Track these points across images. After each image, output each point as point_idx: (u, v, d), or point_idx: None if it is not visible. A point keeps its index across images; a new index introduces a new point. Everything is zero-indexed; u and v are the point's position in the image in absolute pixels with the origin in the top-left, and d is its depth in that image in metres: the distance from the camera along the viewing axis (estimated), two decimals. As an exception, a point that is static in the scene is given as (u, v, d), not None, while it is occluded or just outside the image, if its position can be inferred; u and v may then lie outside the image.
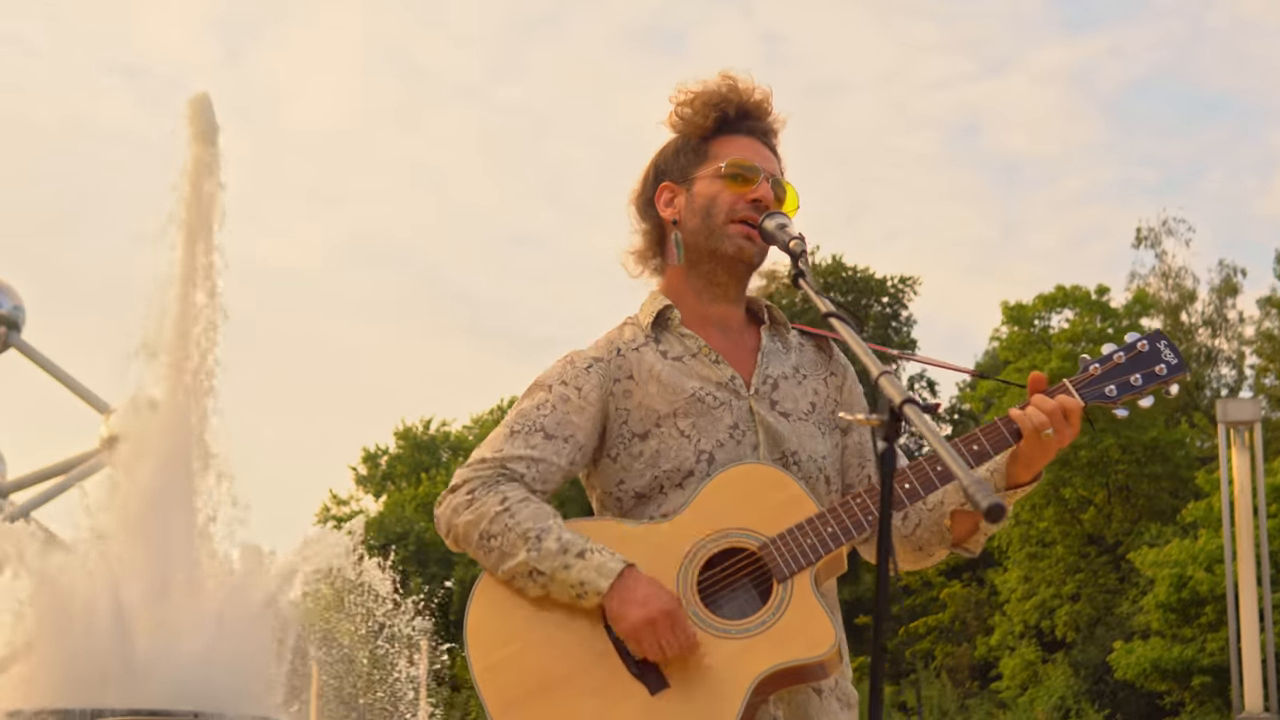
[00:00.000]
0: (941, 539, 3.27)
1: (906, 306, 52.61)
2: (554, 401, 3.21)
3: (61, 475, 55.91)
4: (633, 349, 3.28)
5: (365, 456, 59.72)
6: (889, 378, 2.57)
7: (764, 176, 3.28)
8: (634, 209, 3.43)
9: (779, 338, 3.40)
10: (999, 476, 3.19)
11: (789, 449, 3.21)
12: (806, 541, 3.01)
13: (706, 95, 3.33)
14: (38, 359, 62.22)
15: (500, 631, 3.05)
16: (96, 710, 13.50)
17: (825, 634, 2.97)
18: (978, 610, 42.63)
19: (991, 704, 39.41)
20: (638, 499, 3.20)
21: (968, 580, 43.98)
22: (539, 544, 3.02)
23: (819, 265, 52.55)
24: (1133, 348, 3.18)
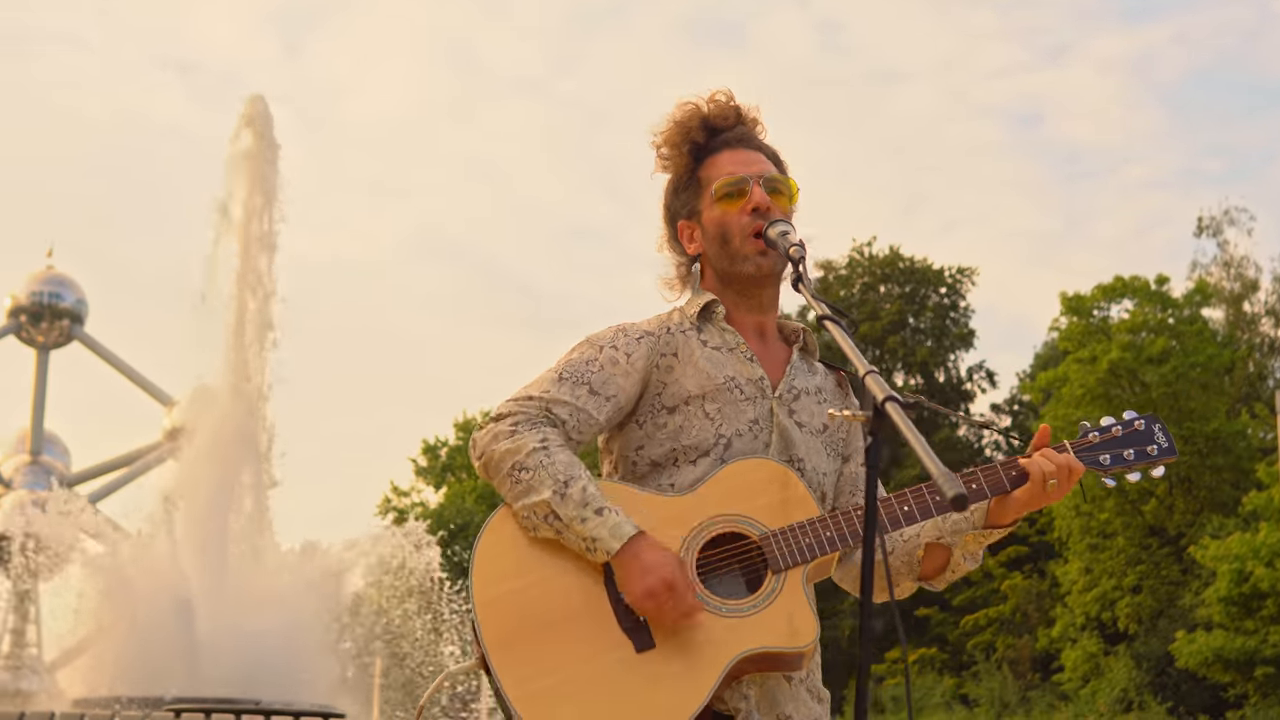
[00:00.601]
0: (910, 570, 3.42)
1: (964, 297, 52.46)
2: (603, 361, 3.35)
3: (125, 467, 56.42)
4: (681, 331, 3.41)
5: (425, 448, 59.95)
6: (874, 376, 2.80)
7: (753, 182, 3.42)
8: (667, 251, 3.60)
9: (807, 361, 3.54)
10: (979, 515, 3.32)
11: (797, 455, 3.36)
12: (804, 540, 3.19)
13: (674, 130, 3.50)
14: (101, 352, 62.69)
15: (506, 567, 3.18)
16: (160, 699, 13.63)
17: (809, 628, 3.14)
18: (1039, 602, 42.46)
19: (1053, 696, 39.28)
20: (652, 466, 3.34)
21: (1029, 572, 43.82)
22: (565, 489, 3.14)
23: (876, 255, 52.46)
24: (1130, 425, 3.37)
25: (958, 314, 52.53)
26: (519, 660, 3.10)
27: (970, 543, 3.33)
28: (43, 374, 62.60)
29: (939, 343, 52.13)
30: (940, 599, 45.23)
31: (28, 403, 62.31)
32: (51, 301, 61.55)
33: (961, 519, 3.32)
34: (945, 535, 3.35)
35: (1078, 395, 39.29)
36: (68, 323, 61.95)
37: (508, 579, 3.17)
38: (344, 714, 13.51)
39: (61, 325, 61.73)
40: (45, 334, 61.99)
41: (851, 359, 2.94)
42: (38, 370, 62.59)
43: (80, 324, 62.31)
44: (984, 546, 3.35)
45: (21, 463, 60.91)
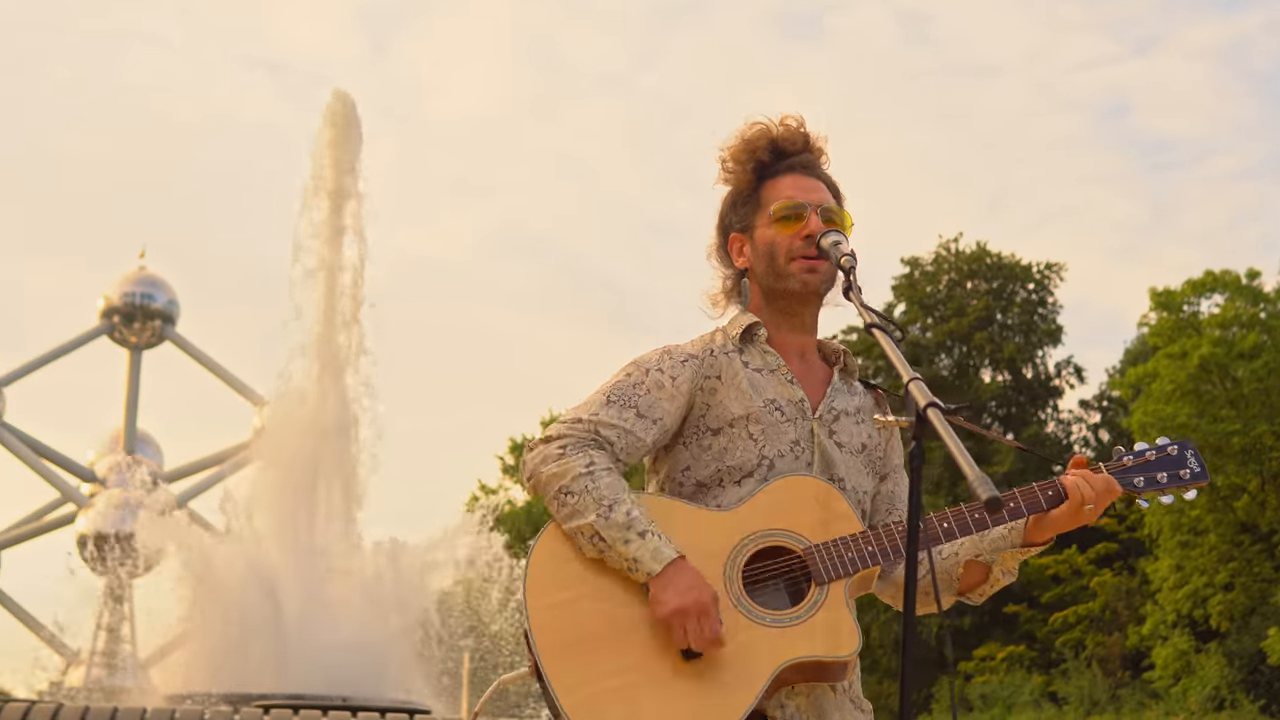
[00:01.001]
0: (949, 586, 3.53)
1: (1053, 292, 52.04)
2: (649, 385, 3.47)
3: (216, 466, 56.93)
4: (724, 353, 3.53)
5: (512, 446, 60.21)
6: (917, 383, 2.93)
7: (811, 210, 3.52)
8: (715, 261, 3.71)
9: (846, 382, 3.63)
10: (1016, 534, 3.43)
11: (837, 475, 3.46)
12: (848, 554, 3.30)
13: (741, 147, 3.60)
14: (192, 352, 63.29)
15: (558, 579, 3.31)
16: (249, 695, 13.81)
17: (851, 638, 3.24)
18: (1129, 599, 42.10)
19: (1143, 694, 38.96)
20: (698, 487, 3.46)
21: (1118, 569, 43.48)
22: (609, 513, 3.26)
23: (962, 252, 52.15)
24: (1163, 449, 3.47)
25: (1046, 309, 52.13)
26: (570, 668, 3.22)
27: (1008, 560, 3.44)
28: (135, 374, 63.31)
29: (1027, 339, 51.78)
30: (1029, 596, 44.96)
31: (121, 402, 63.04)
32: (144, 302, 62.25)
33: (1000, 537, 3.42)
34: (984, 553, 3.45)
35: (1168, 391, 38.92)
36: (159, 323, 62.63)
37: (560, 591, 3.30)
38: (429, 710, 13.64)
39: (153, 326, 62.41)
40: (138, 334, 62.68)
41: (896, 367, 3.06)
42: (130, 370, 63.31)
43: (172, 324, 62.99)
44: (1018, 562, 3.46)
45: (115, 462, 61.59)
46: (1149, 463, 3.45)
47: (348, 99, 24.79)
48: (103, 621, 37.11)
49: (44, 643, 48.16)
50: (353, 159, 24.22)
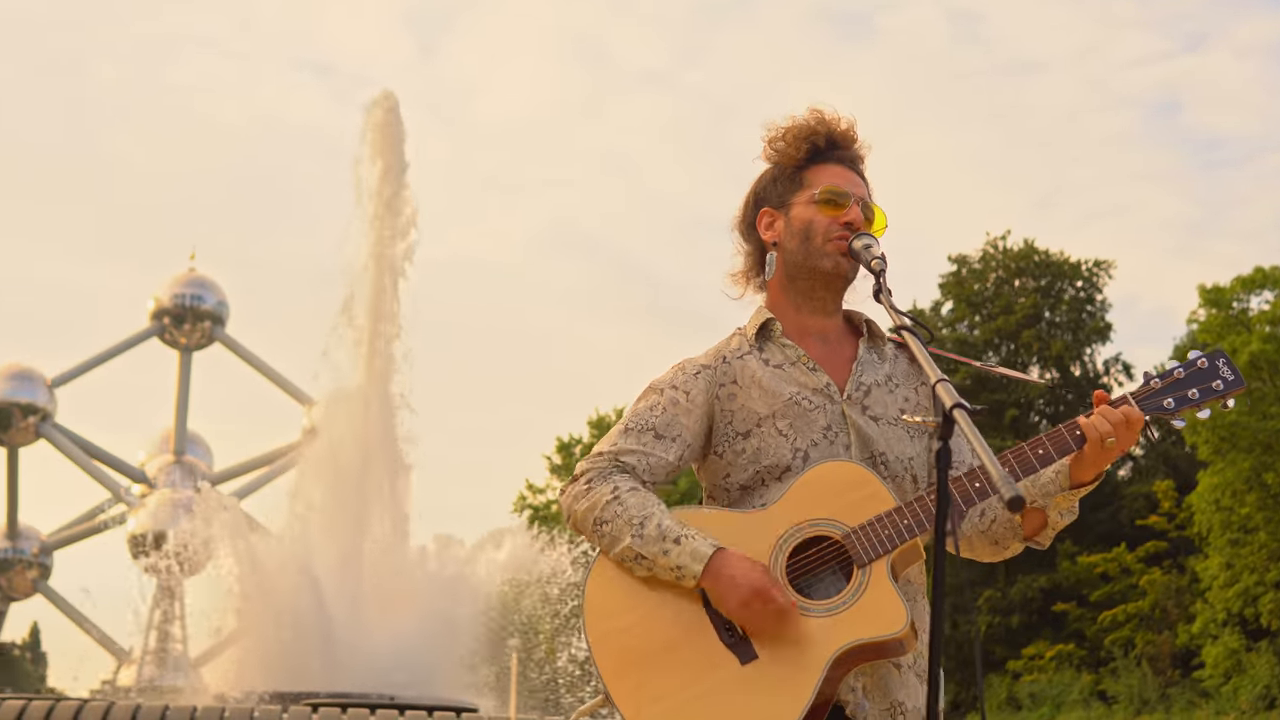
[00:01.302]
0: (1014, 533, 3.55)
1: (1101, 290, 51.79)
2: (665, 404, 3.57)
3: (266, 466, 57.17)
4: (737, 357, 3.61)
5: (559, 446, 60.28)
6: (944, 385, 3.00)
7: (854, 200, 3.59)
8: (737, 233, 3.78)
9: (875, 349, 3.67)
10: (1063, 477, 3.45)
11: (877, 450, 3.51)
12: (884, 532, 3.33)
13: (798, 129, 3.66)
14: (242, 353, 63.57)
15: (612, 605, 3.41)
16: (298, 694, 13.91)
17: (898, 615, 3.27)
18: (1178, 598, 41.88)
19: (1193, 693, 38.76)
20: (742, 490, 3.53)
21: (1168, 567, 43.25)
22: (641, 530, 3.36)
23: (1010, 250, 51.95)
24: (1193, 364, 3.44)
25: (1094, 307, 51.87)
26: (635, 689, 3.32)
27: (1061, 502, 3.46)
28: (185, 375, 63.65)
29: (1075, 336, 51.53)
30: (1078, 594, 44.78)
31: (171, 403, 63.41)
32: (194, 304, 62.61)
33: (1049, 481, 3.44)
34: (1038, 498, 3.47)
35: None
36: (209, 324, 62.96)
37: (616, 615, 3.40)
38: (477, 708, 13.71)
39: (203, 327, 62.75)
40: (188, 336, 63.04)
41: (925, 369, 3.12)
42: (180, 371, 63.66)
43: (222, 325, 63.31)
44: (1075, 502, 3.47)
45: (166, 462, 61.96)
46: (1178, 381, 3.42)
47: (392, 98, 24.91)
48: (154, 621, 37.36)
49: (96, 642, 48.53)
50: (399, 159, 24.33)
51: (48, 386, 61.87)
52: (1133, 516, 45.40)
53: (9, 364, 61.86)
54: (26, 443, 61.82)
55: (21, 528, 64.06)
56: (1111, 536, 45.66)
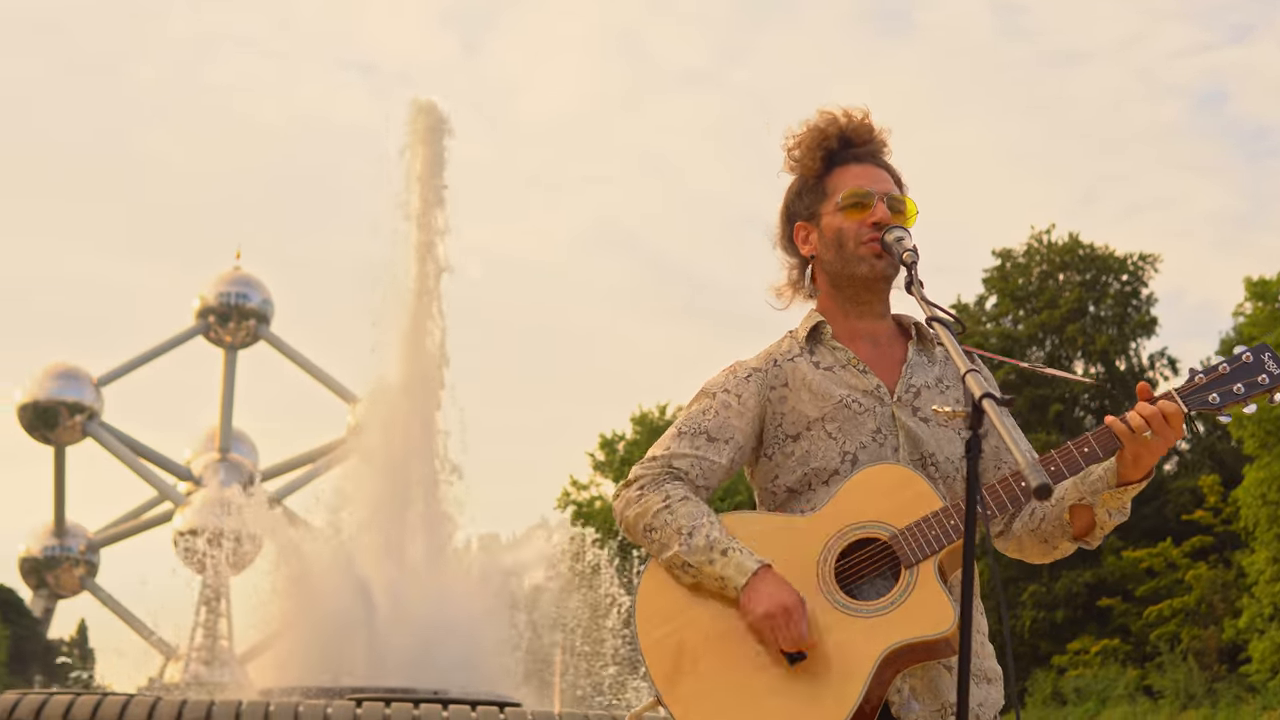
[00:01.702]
0: (1063, 532, 3.55)
1: (1146, 284, 51.56)
2: (717, 407, 3.61)
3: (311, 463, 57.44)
4: (788, 360, 3.63)
5: (602, 442, 60.35)
6: (974, 375, 3.02)
7: (879, 198, 3.59)
8: (779, 250, 3.80)
9: (925, 352, 3.67)
10: (1111, 474, 3.44)
11: (927, 451, 3.52)
12: (931, 533, 3.34)
13: (809, 136, 3.68)
14: (287, 350, 63.85)
15: (663, 610, 3.46)
16: (341, 689, 13.99)
17: (946, 614, 3.27)
18: (1224, 592, 41.67)
19: (1240, 688, 38.56)
20: (790, 493, 3.56)
21: (1214, 562, 43.05)
22: (690, 540, 3.41)
23: (1055, 244, 51.76)
24: (1238, 359, 3.42)
25: (1139, 301, 51.64)
26: (687, 693, 3.37)
27: (1110, 500, 3.45)
28: (231, 373, 64.03)
29: (1120, 330, 51.32)
30: (1123, 589, 44.63)
31: (216, 402, 63.79)
32: (239, 302, 62.98)
33: (1098, 479, 3.43)
34: (1086, 496, 3.47)
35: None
36: (254, 322, 63.32)
37: (666, 620, 3.45)
38: (520, 703, 13.75)
39: (248, 325, 63.11)
40: (233, 334, 63.43)
41: (955, 359, 3.12)
42: (226, 369, 64.04)
43: (266, 324, 63.64)
44: (1126, 501, 3.45)
45: (211, 460, 62.35)
46: (1223, 376, 3.41)
47: (433, 97, 25.02)
48: (200, 618, 37.58)
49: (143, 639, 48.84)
50: (440, 157, 24.41)
51: (94, 385, 62.29)
52: (1178, 511, 45.20)
53: (55, 363, 62.30)
54: (73, 441, 62.28)
55: (69, 526, 64.53)
56: (1157, 531, 45.47)
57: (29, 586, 66.49)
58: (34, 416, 61.34)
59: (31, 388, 61.35)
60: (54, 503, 64.18)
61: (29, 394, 61.26)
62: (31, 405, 61.20)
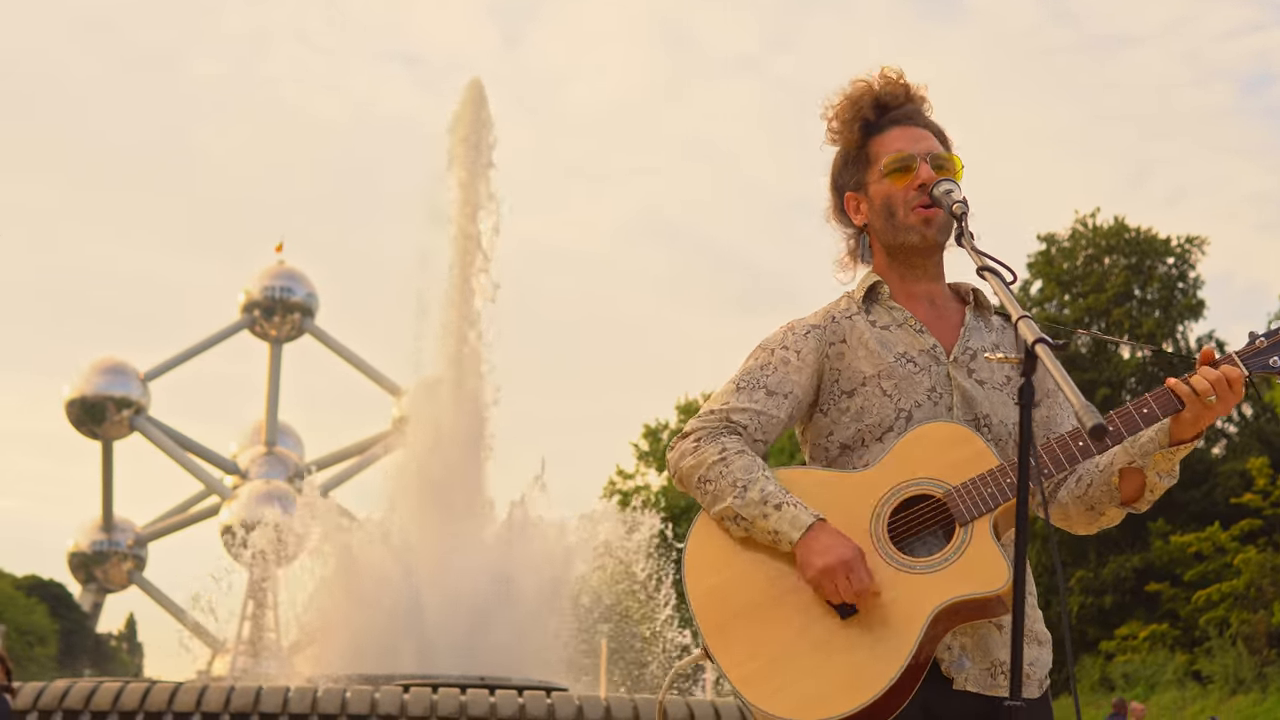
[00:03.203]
0: (1111, 498, 3.49)
1: (1194, 267, 51.28)
2: (775, 363, 3.57)
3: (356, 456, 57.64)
4: (846, 317, 3.60)
5: (646, 432, 60.36)
6: (1026, 321, 2.98)
7: (920, 159, 3.56)
8: (834, 222, 3.78)
9: (982, 319, 3.66)
10: (1162, 435, 3.39)
11: (981, 412, 3.50)
12: (987, 491, 3.31)
13: (845, 106, 3.67)
14: (331, 344, 64.07)
15: (713, 562, 3.44)
16: (389, 677, 14.03)
17: (999, 572, 3.24)
18: (1274, 576, 41.43)
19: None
20: (842, 449, 3.54)
21: (1263, 545, 42.79)
22: (744, 493, 3.38)
23: (1100, 228, 51.53)
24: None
25: (1186, 284, 51.38)
26: (735, 644, 3.35)
27: (1161, 462, 3.40)
28: (276, 367, 64.32)
29: (1167, 314, 51.06)
30: (1171, 574, 44.41)
31: (262, 395, 64.11)
32: (283, 296, 63.27)
33: (1149, 440, 3.39)
34: (1136, 458, 3.42)
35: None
36: (299, 316, 63.59)
37: (716, 573, 3.43)
38: (566, 688, 13.78)
39: (293, 319, 63.39)
40: (278, 328, 63.71)
41: (1007, 306, 3.10)
42: (271, 363, 64.35)
43: (311, 317, 63.90)
44: (1175, 462, 3.41)
45: (257, 454, 62.64)
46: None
47: (478, 85, 25.02)
48: (247, 611, 37.75)
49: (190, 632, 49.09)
50: (485, 147, 24.43)
51: (141, 380, 62.66)
52: (1227, 495, 44.96)
53: (102, 358, 62.68)
54: (120, 436, 62.65)
55: (116, 520, 64.95)
56: (1205, 515, 45.24)
57: (78, 581, 67.01)
58: (81, 412, 61.78)
59: (79, 383, 61.80)
60: (102, 498, 64.64)
61: (76, 389, 61.70)
62: (79, 400, 61.63)
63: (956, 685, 3.35)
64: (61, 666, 59.45)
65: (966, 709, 3.35)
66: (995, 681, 3.37)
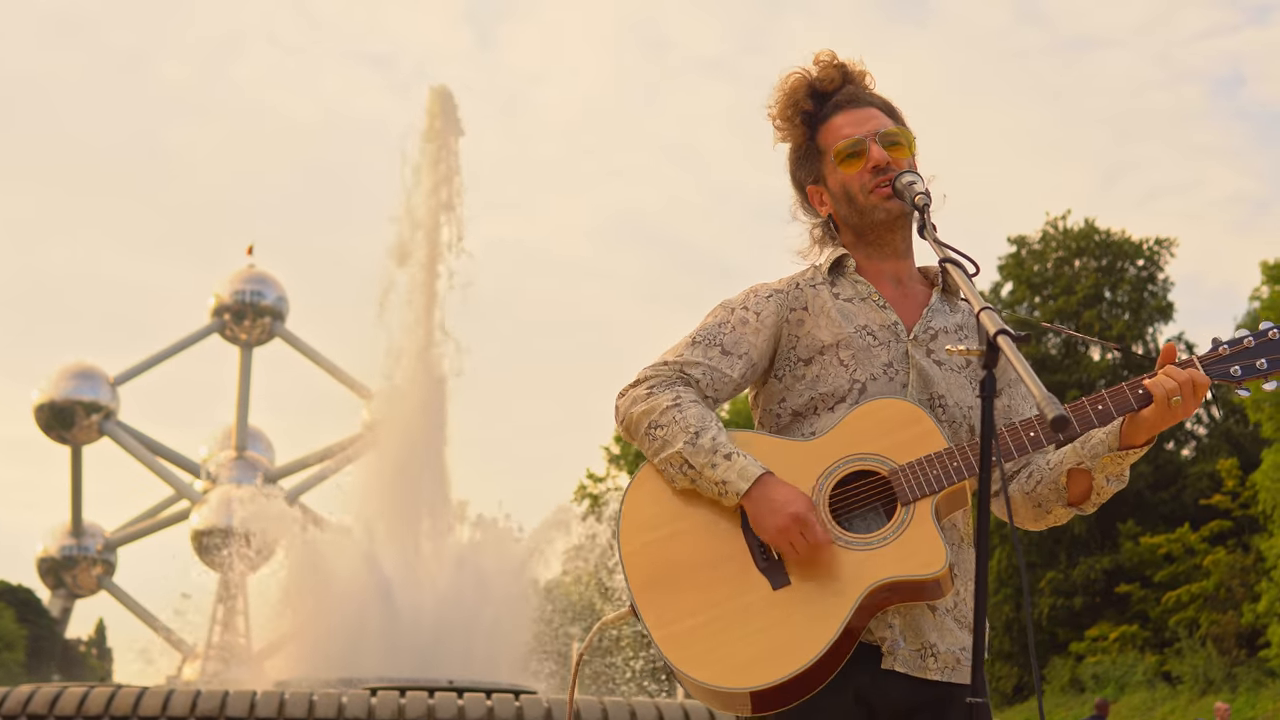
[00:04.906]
0: (1058, 497, 3.49)
1: (1163, 269, 51.47)
2: (734, 323, 3.55)
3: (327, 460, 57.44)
4: (810, 286, 3.59)
5: (618, 435, 60.29)
6: (988, 312, 2.95)
7: (869, 140, 3.54)
8: (800, 216, 3.75)
9: (948, 302, 3.64)
10: (1112, 438, 3.38)
11: (937, 392, 3.48)
12: (933, 472, 3.29)
13: (784, 102, 3.64)
14: (302, 348, 63.87)
15: (650, 518, 3.40)
16: (356, 681, 13.99)
17: (937, 555, 3.22)
18: (1243, 577, 41.56)
19: (1260, 673, 38.48)
20: (794, 416, 3.51)
21: (1232, 547, 42.94)
22: (696, 440, 3.34)
23: (1070, 230, 51.69)
24: (1263, 335, 3.36)
25: (1156, 286, 51.56)
26: (663, 603, 3.31)
27: (1109, 465, 3.39)
28: (246, 371, 64.11)
29: (1137, 316, 51.22)
30: (1141, 575, 44.54)
31: (232, 400, 63.87)
32: (254, 299, 63.09)
33: (1099, 443, 3.39)
34: (1085, 460, 3.41)
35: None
36: (270, 320, 63.41)
37: (652, 529, 3.39)
38: (535, 691, 13.74)
39: (263, 323, 63.21)
40: (248, 332, 63.54)
41: (969, 297, 3.08)
42: (241, 367, 64.14)
43: (281, 321, 63.72)
44: (1125, 467, 3.40)
45: (228, 458, 62.42)
46: (1247, 350, 3.35)
47: (446, 88, 25.03)
48: (217, 616, 37.64)
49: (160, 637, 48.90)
50: (453, 149, 24.41)
51: (110, 384, 62.42)
52: (1196, 496, 45.14)
53: (72, 363, 62.46)
54: (90, 440, 62.43)
55: (86, 525, 64.69)
56: (1175, 516, 45.41)
57: (47, 586, 66.69)
58: (50, 416, 61.50)
59: (48, 387, 61.54)
60: (71, 502, 64.35)
61: (45, 394, 61.43)
62: (48, 405, 61.36)
63: (885, 665, 3.32)
64: (30, 672, 59.20)
65: (896, 689, 3.33)
66: (925, 664, 3.35)
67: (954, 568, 3.34)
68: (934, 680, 3.36)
